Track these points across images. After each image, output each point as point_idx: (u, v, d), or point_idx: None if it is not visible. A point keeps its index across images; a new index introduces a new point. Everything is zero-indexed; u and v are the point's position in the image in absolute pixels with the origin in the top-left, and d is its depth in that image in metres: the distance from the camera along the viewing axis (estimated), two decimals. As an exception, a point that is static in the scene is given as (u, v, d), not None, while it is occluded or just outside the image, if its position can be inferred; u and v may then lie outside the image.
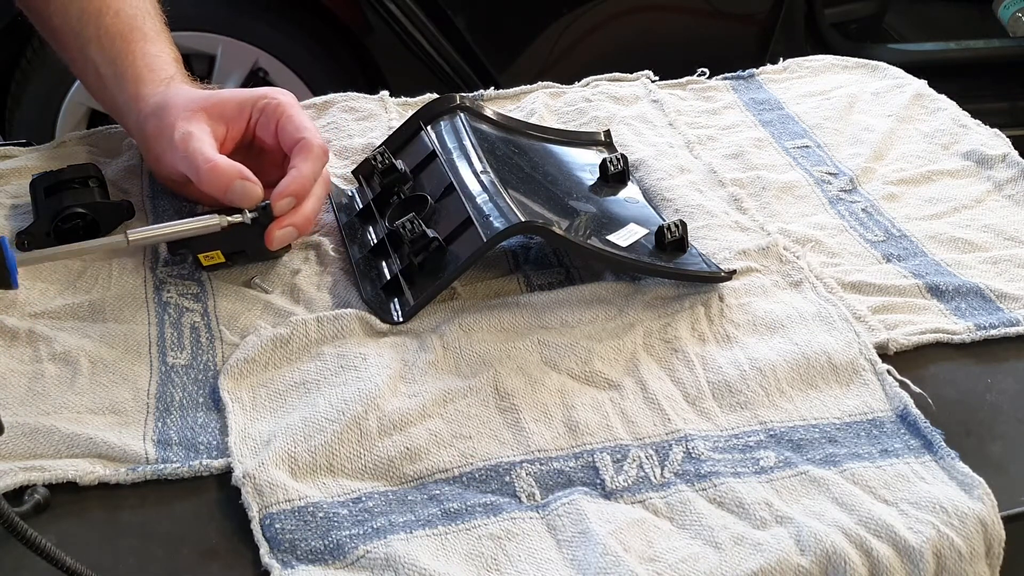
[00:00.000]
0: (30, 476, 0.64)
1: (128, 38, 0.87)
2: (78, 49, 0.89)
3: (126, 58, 0.86)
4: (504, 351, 0.75)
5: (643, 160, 0.98)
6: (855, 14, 2.42)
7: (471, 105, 0.95)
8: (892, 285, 0.84)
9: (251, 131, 0.85)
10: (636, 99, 1.09)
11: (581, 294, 0.81)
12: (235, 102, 0.84)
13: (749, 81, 1.15)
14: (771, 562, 0.61)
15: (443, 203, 0.84)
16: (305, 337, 0.76)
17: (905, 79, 1.14)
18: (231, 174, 0.78)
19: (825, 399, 0.74)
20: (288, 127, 0.83)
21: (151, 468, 0.66)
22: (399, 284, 0.80)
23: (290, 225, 0.80)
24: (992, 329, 0.80)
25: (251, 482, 0.65)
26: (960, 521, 0.64)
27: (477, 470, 0.67)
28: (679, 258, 0.83)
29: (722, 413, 0.73)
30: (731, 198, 0.94)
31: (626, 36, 2.12)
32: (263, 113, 0.84)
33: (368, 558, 0.61)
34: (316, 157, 0.82)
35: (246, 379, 0.73)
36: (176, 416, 0.70)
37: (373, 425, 0.69)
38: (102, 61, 0.87)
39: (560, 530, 0.64)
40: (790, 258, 0.86)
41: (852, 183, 0.97)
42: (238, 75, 2.04)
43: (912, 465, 0.69)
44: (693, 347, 0.77)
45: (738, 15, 2.25)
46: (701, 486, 0.67)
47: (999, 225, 0.92)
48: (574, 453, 0.69)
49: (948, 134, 1.04)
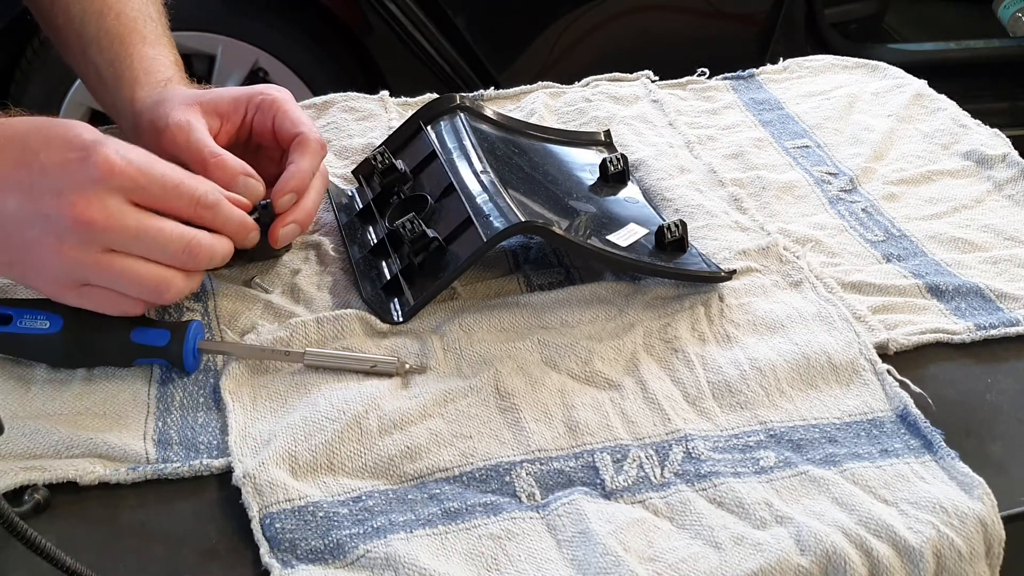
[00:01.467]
0: (30, 476, 0.64)
1: (127, 40, 0.87)
2: (79, 50, 0.89)
3: (124, 60, 0.86)
4: (504, 351, 0.75)
5: (643, 160, 0.98)
6: (855, 14, 2.42)
7: (471, 105, 0.95)
8: (892, 285, 0.84)
9: (247, 128, 0.85)
10: (636, 99, 1.09)
11: (581, 294, 0.81)
12: (230, 98, 0.84)
13: (749, 81, 1.15)
14: (771, 562, 0.61)
15: (443, 203, 0.84)
16: (305, 338, 0.76)
17: (905, 79, 1.15)
18: (236, 169, 0.78)
19: (825, 399, 0.74)
20: (285, 123, 0.83)
21: (151, 468, 0.66)
22: (399, 284, 0.80)
23: (292, 222, 0.79)
24: (992, 329, 0.80)
25: (251, 482, 0.65)
26: (960, 521, 0.64)
27: (477, 470, 0.67)
28: (679, 258, 0.83)
29: (722, 413, 0.73)
30: (731, 198, 0.94)
31: (626, 36, 2.12)
32: (259, 109, 0.84)
33: (368, 557, 0.61)
34: (314, 152, 0.81)
35: (247, 379, 0.73)
36: (176, 416, 0.71)
37: (373, 424, 0.69)
38: (101, 62, 0.87)
39: (560, 530, 0.64)
40: (790, 258, 0.86)
41: (852, 183, 0.97)
42: (238, 75, 2.04)
43: (912, 465, 0.69)
44: (693, 347, 0.77)
45: (738, 15, 2.26)
46: (701, 486, 0.67)
47: (999, 225, 0.92)
48: (574, 453, 0.69)
49: (948, 134, 1.04)
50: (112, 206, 0.67)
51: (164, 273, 0.70)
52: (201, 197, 0.71)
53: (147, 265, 0.69)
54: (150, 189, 0.69)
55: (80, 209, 0.66)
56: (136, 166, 0.68)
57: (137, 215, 0.68)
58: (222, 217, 0.73)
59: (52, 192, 0.66)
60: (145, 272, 0.69)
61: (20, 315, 0.71)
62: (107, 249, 0.68)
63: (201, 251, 0.71)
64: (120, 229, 0.67)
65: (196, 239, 0.71)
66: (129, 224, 0.68)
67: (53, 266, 0.68)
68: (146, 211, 0.69)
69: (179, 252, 0.70)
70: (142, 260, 0.69)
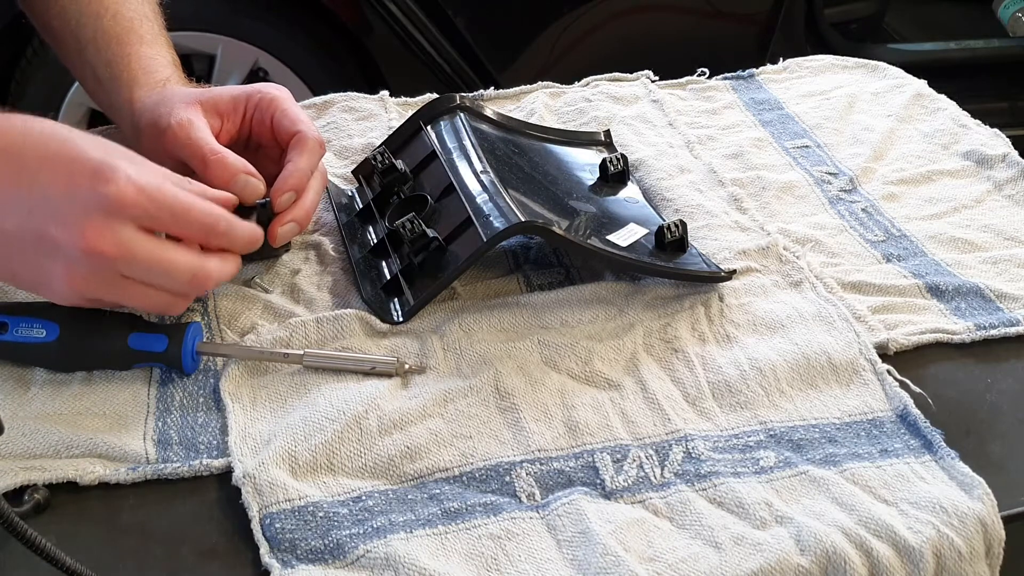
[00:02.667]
0: (30, 476, 0.64)
1: (124, 41, 0.87)
2: (76, 51, 0.89)
3: (122, 61, 0.86)
4: (504, 351, 0.75)
5: (643, 160, 0.98)
6: (855, 14, 2.42)
7: (471, 105, 0.95)
8: (892, 285, 0.84)
9: (247, 127, 0.85)
10: (636, 99, 1.09)
11: (581, 294, 0.81)
12: (229, 97, 0.84)
13: (749, 81, 1.15)
14: (771, 562, 0.61)
15: (443, 203, 0.84)
16: (305, 338, 0.76)
17: (905, 79, 1.15)
18: (236, 167, 0.78)
19: (825, 399, 0.74)
20: (283, 121, 0.83)
21: (151, 468, 0.66)
22: (399, 284, 0.80)
23: (291, 220, 0.79)
24: (992, 329, 0.80)
25: (251, 482, 0.65)
26: (960, 521, 0.64)
27: (477, 469, 0.67)
28: (679, 258, 0.83)
29: (722, 413, 0.73)
30: (731, 198, 0.94)
31: (626, 36, 2.12)
32: (258, 108, 0.84)
33: (368, 557, 0.61)
34: (312, 150, 0.82)
35: (246, 379, 0.73)
36: (176, 416, 0.71)
37: (373, 424, 0.69)
38: (99, 63, 0.87)
39: (560, 530, 0.64)
40: (790, 258, 0.86)
41: (852, 183, 0.97)
42: (238, 75, 2.03)
43: (912, 465, 0.69)
44: (693, 347, 0.77)
45: (738, 15, 2.25)
46: (701, 486, 0.67)
47: (999, 225, 0.92)
48: (574, 453, 0.69)
49: (948, 134, 1.04)
50: (123, 236, 0.67)
51: (172, 298, 0.71)
52: (212, 225, 0.71)
53: (156, 292, 0.70)
54: (160, 217, 0.68)
55: (92, 241, 0.65)
56: (147, 194, 0.67)
57: (148, 245, 0.68)
58: (232, 240, 0.73)
59: (58, 221, 0.65)
60: (155, 297, 0.70)
61: (16, 323, 0.71)
62: (118, 274, 0.68)
63: (208, 281, 0.72)
64: (131, 260, 0.67)
65: (204, 270, 0.71)
66: (140, 255, 0.67)
67: (62, 286, 0.68)
68: (156, 238, 0.69)
69: (186, 283, 0.70)
70: (151, 288, 0.69)
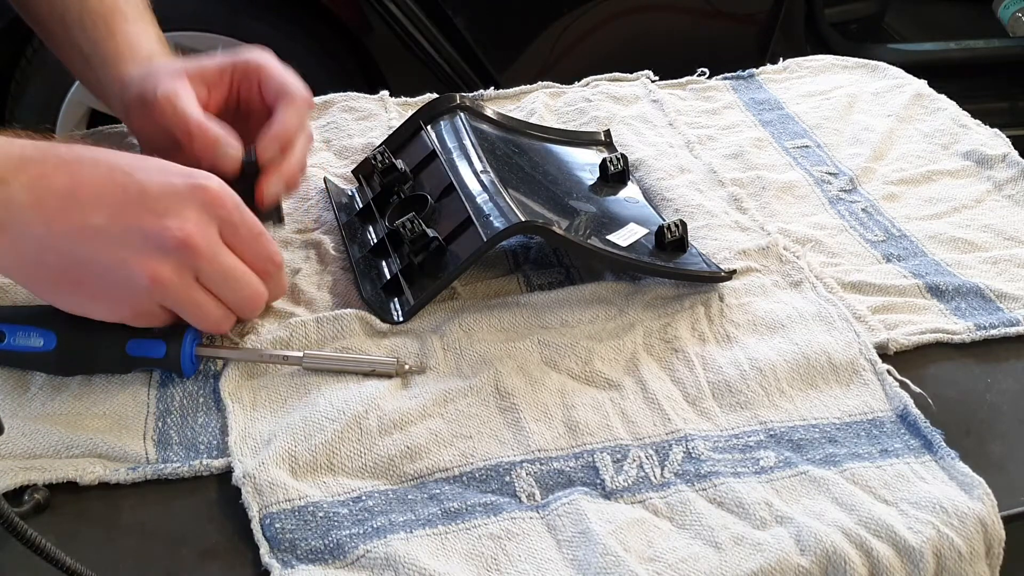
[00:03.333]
0: (30, 476, 0.64)
1: (110, 20, 0.88)
2: (63, 35, 0.89)
3: (108, 39, 0.87)
4: (504, 351, 0.75)
5: (643, 160, 0.98)
6: (855, 14, 2.42)
7: (471, 105, 0.95)
8: (892, 285, 0.84)
9: (235, 95, 0.85)
10: (636, 99, 1.09)
11: (581, 294, 0.81)
12: (215, 66, 0.84)
13: (749, 81, 1.15)
14: (771, 562, 0.61)
15: (443, 203, 0.84)
16: (305, 338, 0.76)
17: (905, 79, 1.15)
18: (216, 135, 0.78)
19: (825, 399, 0.74)
20: (270, 83, 0.84)
21: (151, 468, 0.66)
22: (399, 284, 0.80)
23: (278, 177, 0.80)
24: (992, 329, 0.80)
25: (251, 482, 0.65)
26: (960, 521, 0.64)
27: (477, 469, 0.67)
28: (679, 258, 0.83)
29: (722, 413, 0.73)
30: (731, 198, 0.94)
31: (626, 36, 2.12)
32: (244, 75, 0.84)
33: (368, 557, 0.61)
34: (299, 106, 0.82)
35: (246, 380, 0.73)
36: (176, 416, 0.71)
37: (373, 424, 0.69)
38: (86, 43, 0.88)
39: (560, 530, 0.63)
40: (790, 258, 0.86)
41: (852, 183, 0.97)
42: (238, 75, 2.03)
43: (912, 465, 0.69)
44: (693, 347, 0.77)
45: (738, 15, 2.25)
46: (701, 486, 0.67)
47: (999, 225, 0.92)
48: (574, 453, 0.69)
49: (948, 134, 1.04)
50: (212, 236, 0.67)
51: (226, 314, 0.71)
52: (272, 257, 0.73)
53: (217, 305, 0.70)
54: (240, 230, 0.69)
55: (187, 232, 0.66)
56: (236, 201, 0.68)
57: (229, 253, 0.69)
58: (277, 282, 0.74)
59: (152, 212, 0.66)
60: (214, 311, 0.70)
61: (13, 332, 0.71)
62: (194, 276, 0.68)
63: (261, 304, 0.73)
64: (216, 262, 0.68)
65: (261, 293, 0.72)
66: (222, 258, 0.68)
67: (134, 287, 0.67)
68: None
69: (246, 302, 0.71)
70: (214, 299, 0.70)
